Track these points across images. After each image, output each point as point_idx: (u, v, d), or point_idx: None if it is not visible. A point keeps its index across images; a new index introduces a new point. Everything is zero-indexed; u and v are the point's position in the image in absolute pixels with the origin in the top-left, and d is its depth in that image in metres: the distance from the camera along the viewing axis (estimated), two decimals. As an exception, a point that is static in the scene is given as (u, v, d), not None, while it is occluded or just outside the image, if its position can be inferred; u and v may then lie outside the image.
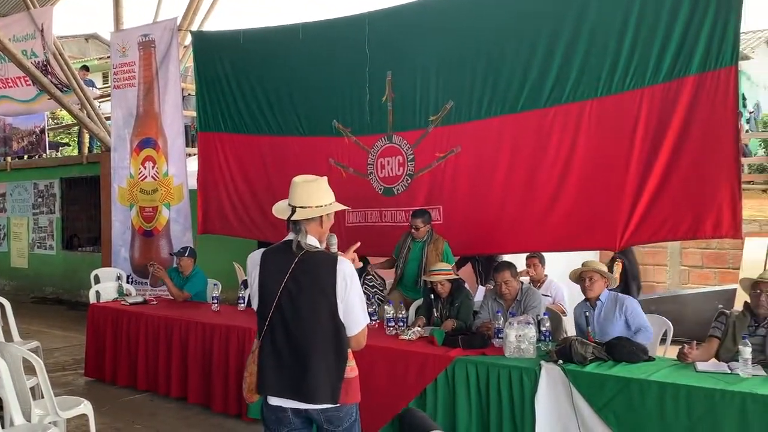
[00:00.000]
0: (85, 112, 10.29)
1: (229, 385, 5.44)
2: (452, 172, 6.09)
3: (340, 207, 2.98)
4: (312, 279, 2.81)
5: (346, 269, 2.81)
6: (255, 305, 2.94)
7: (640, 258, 9.09)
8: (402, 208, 6.40)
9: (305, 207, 2.86)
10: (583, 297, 4.78)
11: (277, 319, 2.83)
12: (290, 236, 2.88)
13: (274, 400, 2.87)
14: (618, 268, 8.39)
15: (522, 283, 5.16)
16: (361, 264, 3.05)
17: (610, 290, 4.76)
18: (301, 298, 2.81)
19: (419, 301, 5.75)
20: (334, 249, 2.98)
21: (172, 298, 6.77)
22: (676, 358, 4.06)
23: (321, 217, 2.90)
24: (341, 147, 6.81)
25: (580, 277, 4.77)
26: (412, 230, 5.85)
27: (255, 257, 2.94)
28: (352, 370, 2.89)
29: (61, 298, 12.44)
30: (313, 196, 2.89)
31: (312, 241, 2.87)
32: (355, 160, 6.73)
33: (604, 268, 4.83)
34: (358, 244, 3.02)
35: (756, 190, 12.00)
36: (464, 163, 6.02)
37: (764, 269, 6.47)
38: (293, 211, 2.86)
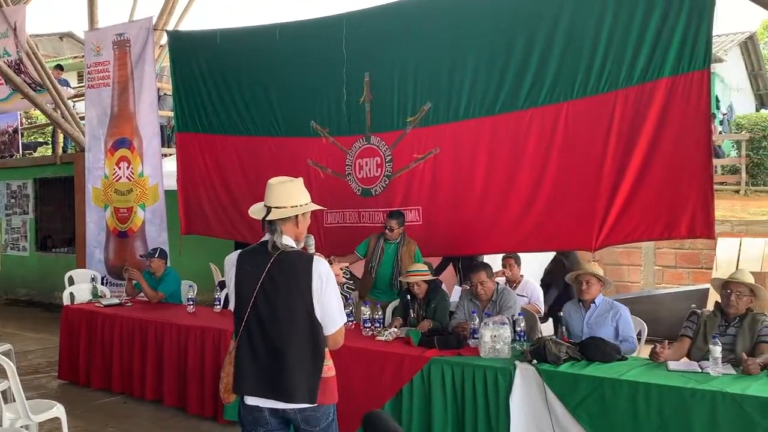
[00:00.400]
0: (59, 111, 10.17)
1: (204, 386, 5.41)
2: (431, 174, 6.10)
3: (316, 207, 3.00)
4: (288, 278, 2.82)
5: (322, 268, 2.83)
6: (232, 306, 2.95)
7: (614, 258, 9.24)
8: (380, 208, 6.41)
9: (280, 207, 2.87)
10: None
11: (253, 318, 2.84)
12: (266, 237, 2.89)
13: (251, 400, 2.87)
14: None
15: (497, 283, 5.20)
16: (344, 280, 3.07)
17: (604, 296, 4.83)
18: (277, 298, 2.82)
19: (396, 302, 5.77)
20: (312, 250, 3.00)
21: (147, 299, 6.71)
22: (648, 357, 4.11)
23: (297, 217, 2.92)
24: (319, 148, 6.79)
25: (576, 279, 4.82)
26: (387, 231, 5.85)
27: (232, 258, 2.95)
28: (329, 369, 2.91)
29: (34, 300, 12.27)
30: (289, 196, 2.91)
31: (288, 241, 2.88)
32: (333, 160, 6.72)
33: (602, 272, 4.87)
34: (346, 264, 3.03)
35: (728, 191, 12.21)
36: (443, 165, 6.03)
37: (736, 269, 6.57)
38: (268, 212, 2.87)
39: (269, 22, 6.99)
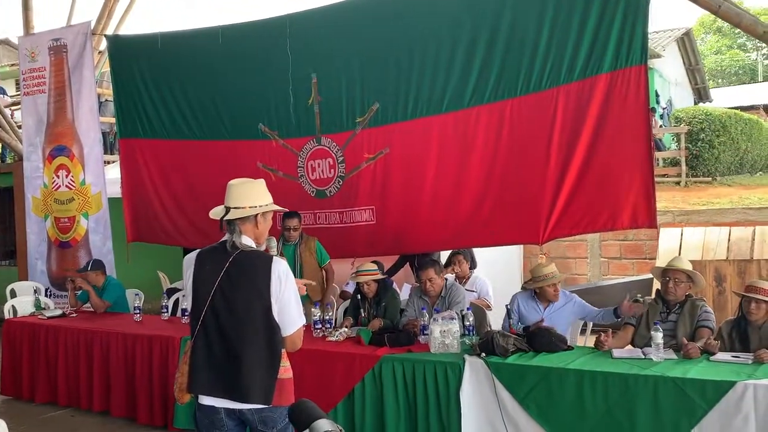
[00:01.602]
0: (-5, 120, 9.87)
1: (153, 395, 5.31)
2: (383, 173, 6.09)
3: (275, 208, 3.01)
4: (246, 278, 2.81)
5: (281, 268, 2.84)
6: (189, 305, 2.92)
7: (561, 251, 9.40)
8: (336, 209, 6.38)
9: (239, 207, 2.88)
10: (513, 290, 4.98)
11: (210, 318, 2.83)
12: (226, 237, 2.89)
13: (206, 400, 2.85)
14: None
15: (446, 279, 5.24)
16: (305, 292, 3.07)
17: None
18: (234, 297, 2.81)
19: (346, 303, 5.76)
20: (274, 252, 3.01)
21: (92, 309, 6.56)
22: (593, 346, 4.20)
23: (256, 217, 2.93)
24: (269, 150, 6.71)
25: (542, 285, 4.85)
26: (289, 231, 5.86)
27: (191, 257, 2.94)
28: (286, 371, 2.91)
29: (-25, 316, 11.86)
30: (249, 196, 2.92)
31: (247, 241, 2.89)
32: (284, 163, 6.65)
33: (556, 270, 4.95)
34: (313, 282, 3.02)
35: (669, 182, 12.56)
36: (394, 164, 6.03)
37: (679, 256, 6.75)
38: (227, 212, 2.88)
39: (211, 25, 6.89)
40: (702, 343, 3.99)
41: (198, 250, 2.95)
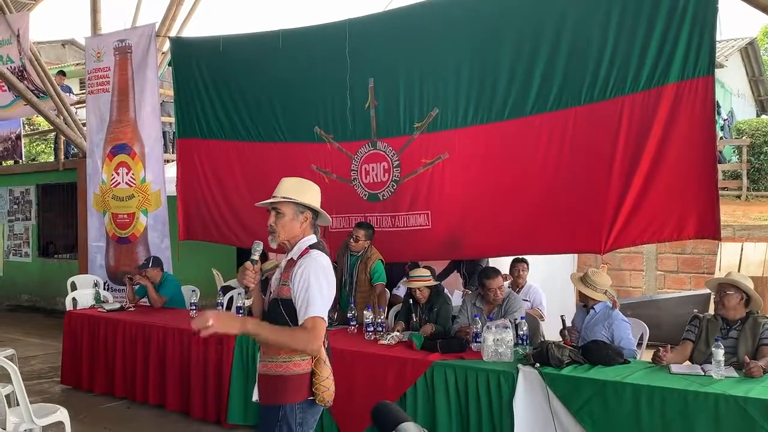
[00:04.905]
0: (61, 118, 10.21)
1: (207, 391, 5.41)
2: (440, 178, 6.08)
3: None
4: None
5: None
6: (327, 309, 2.85)
7: (616, 263, 9.24)
8: (388, 213, 6.39)
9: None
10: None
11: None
12: (315, 238, 2.96)
13: None
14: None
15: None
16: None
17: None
18: None
19: (398, 306, 5.77)
20: (254, 257, 3.00)
21: (149, 304, 6.73)
22: (651, 360, 4.12)
23: None
24: (323, 153, 6.78)
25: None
26: (351, 241, 5.83)
27: (330, 264, 2.92)
28: None
29: (37, 306, 12.30)
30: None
31: None
32: (338, 166, 6.71)
33: (606, 282, 4.85)
34: None
35: (730, 196, 12.21)
36: (452, 170, 6.01)
37: (738, 272, 6.56)
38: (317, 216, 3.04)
39: (272, 29, 7.01)
40: (765, 361, 3.87)
41: (323, 255, 2.90)
